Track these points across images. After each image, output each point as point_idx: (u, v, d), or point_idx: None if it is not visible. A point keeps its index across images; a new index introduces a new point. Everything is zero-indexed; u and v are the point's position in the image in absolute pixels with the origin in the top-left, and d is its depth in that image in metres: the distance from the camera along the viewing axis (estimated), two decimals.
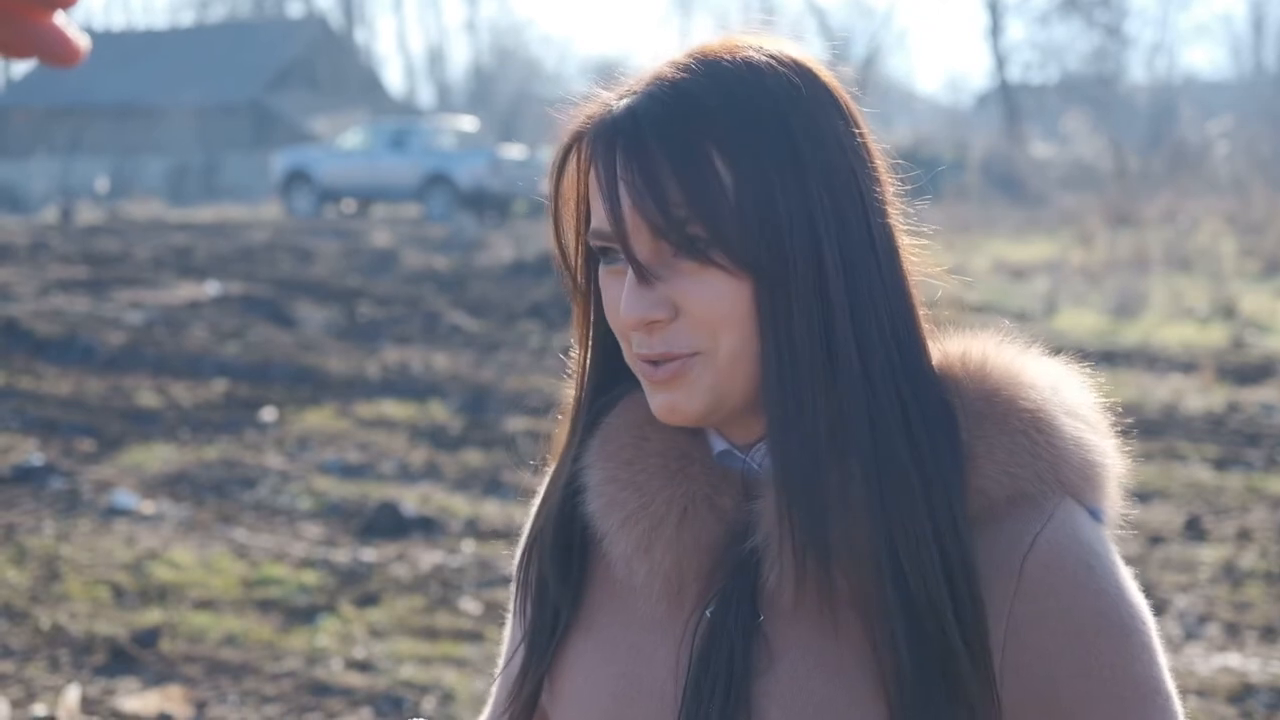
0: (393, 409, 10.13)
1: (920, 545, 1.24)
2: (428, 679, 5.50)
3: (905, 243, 1.34)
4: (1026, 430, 1.29)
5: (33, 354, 11.86)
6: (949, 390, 1.31)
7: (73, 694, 5.28)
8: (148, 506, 7.70)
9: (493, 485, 8.24)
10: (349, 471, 8.50)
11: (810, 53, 1.34)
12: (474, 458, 8.82)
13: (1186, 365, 11.71)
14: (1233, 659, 5.69)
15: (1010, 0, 54.41)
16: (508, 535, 7.26)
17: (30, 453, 8.70)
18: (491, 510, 7.71)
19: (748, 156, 1.25)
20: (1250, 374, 11.33)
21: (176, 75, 49.76)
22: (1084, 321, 14.27)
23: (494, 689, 1.62)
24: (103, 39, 54.86)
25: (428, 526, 7.38)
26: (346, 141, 32.55)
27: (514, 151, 32.61)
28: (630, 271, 1.29)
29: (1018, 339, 1.38)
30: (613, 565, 1.39)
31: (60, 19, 0.82)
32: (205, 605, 6.28)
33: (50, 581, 6.53)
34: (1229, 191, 27.09)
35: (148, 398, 10.39)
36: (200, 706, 5.29)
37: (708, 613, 1.32)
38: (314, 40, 54.33)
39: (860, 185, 1.30)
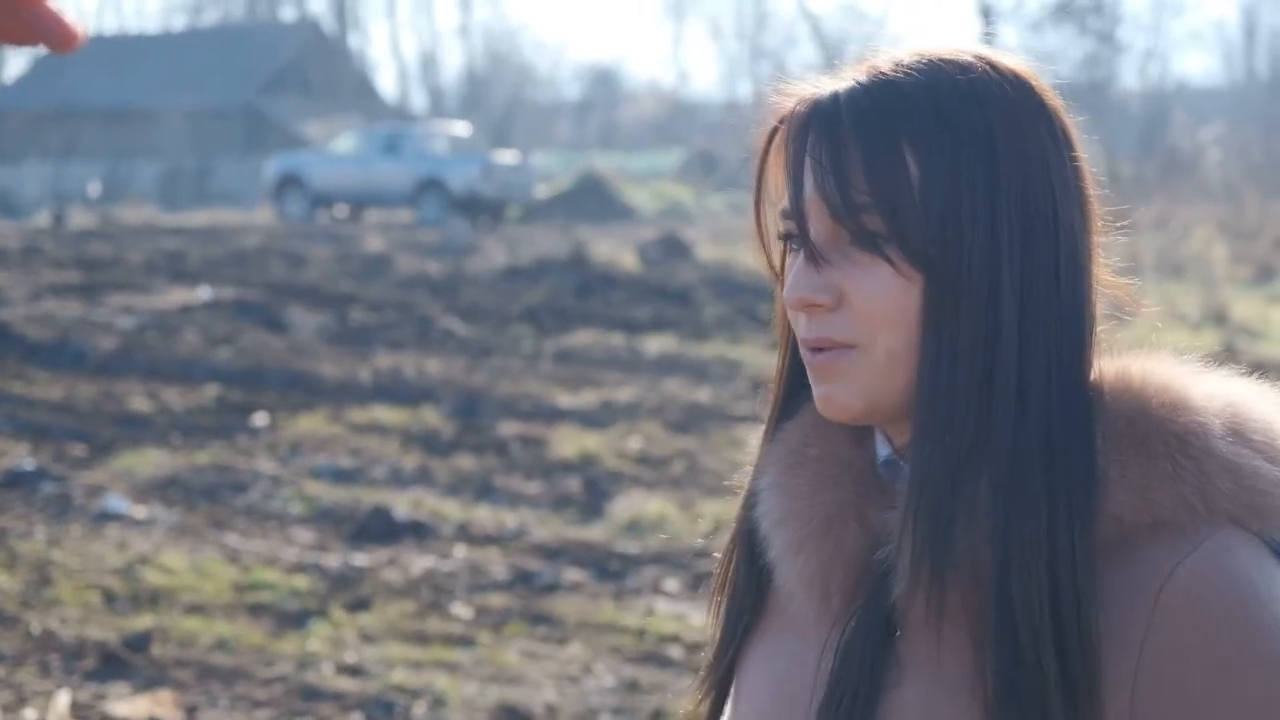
0: (385, 414, 10.12)
1: (1033, 571, 1.21)
2: (419, 684, 5.49)
3: (1098, 271, 1.32)
4: (1170, 454, 1.23)
5: (24, 358, 11.83)
6: (1096, 408, 1.27)
7: (63, 699, 5.27)
8: (139, 511, 7.69)
9: (484, 490, 8.24)
10: (341, 476, 8.49)
11: (1034, 69, 1.32)
12: (466, 463, 8.81)
13: None
14: None
15: (1003, 6, 54.46)
16: (499, 540, 7.26)
17: (21, 457, 8.69)
18: (483, 515, 7.71)
19: (940, 156, 1.24)
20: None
21: (169, 79, 49.69)
22: None
23: None
24: (95, 42, 54.78)
25: (419, 531, 7.37)
26: (339, 146, 32.54)
27: (507, 156, 32.60)
28: (802, 252, 1.28)
29: (1193, 358, 1.32)
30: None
31: (55, 4, 0.82)
32: (196, 610, 6.27)
33: (41, 586, 6.52)
34: (1221, 198, 27.15)
35: (139, 402, 10.37)
36: (191, 711, 5.28)
37: (850, 624, 1.31)
38: (306, 45, 54.31)
39: (1057, 206, 1.27)
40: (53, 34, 0.81)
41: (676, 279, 17.72)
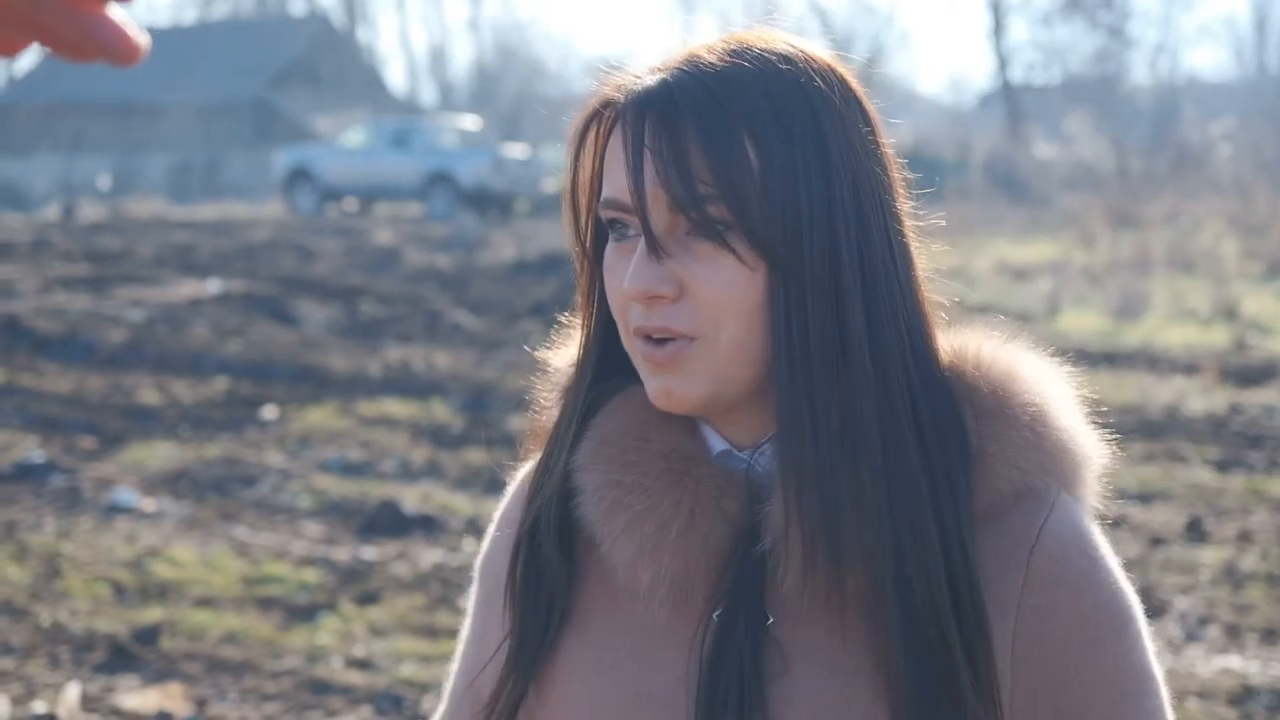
0: (394, 407, 10.12)
1: (926, 550, 1.24)
2: (428, 677, 5.50)
3: (917, 245, 1.35)
4: (1031, 425, 1.30)
5: (34, 351, 11.86)
6: (956, 387, 1.31)
7: (73, 691, 5.28)
8: (148, 504, 7.70)
9: (494, 484, 8.24)
10: (350, 470, 8.49)
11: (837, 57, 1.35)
12: (475, 456, 8.81)
13: (1188, 366, 11.70)
14: (1233, 661, 5.68)
15: (1013, 1, 54.46)
16: None
17: (31, 450, 8.70)
18: (492, 509, 7.68)
19: (778, 144, 1.25)
20: (1252, 375, 11.33)
21: (179, 73, 49.75)
22: (1086, 322, 14.26)
23: (449, 688, 1.57)
24: None
25: (428, 525, 7.38)
26: (349, 140, 32.55)
27: (516, 150, 32.60)
28: (642, 243, 1.27)
29: (1007, 335, 1.38)
30: (612, 570, 1.36)
31: (118, 14, 0.80)
32: (205, 603, 6.28)
33: (51, 579, 6.53)
34: (1231, 193, 27.07)
35: (149, 395, 10.38)
36: (200, 704, 5.29)
37: (715, 617, 1.30)
38: (316, 38, 54.34)
39: (881, 190, 1.30)
40: (112, 45, 0.79)
41: None
